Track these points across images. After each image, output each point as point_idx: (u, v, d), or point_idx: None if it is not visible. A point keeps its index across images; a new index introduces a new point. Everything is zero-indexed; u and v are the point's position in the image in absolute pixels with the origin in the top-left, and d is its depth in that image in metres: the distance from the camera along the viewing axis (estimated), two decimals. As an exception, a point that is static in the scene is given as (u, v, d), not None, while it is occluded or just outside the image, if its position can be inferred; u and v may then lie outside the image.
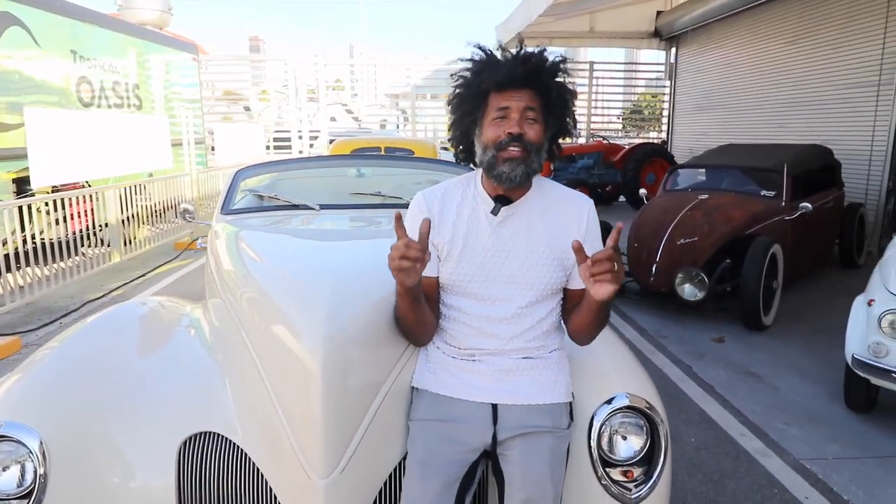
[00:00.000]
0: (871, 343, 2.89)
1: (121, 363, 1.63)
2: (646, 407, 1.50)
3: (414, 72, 11.83)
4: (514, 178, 1.35)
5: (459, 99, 1.43)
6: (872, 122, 6.90)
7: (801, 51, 8.18)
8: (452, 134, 1.50)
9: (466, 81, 1.41)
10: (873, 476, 2.62)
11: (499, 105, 1.35)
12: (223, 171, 9.00)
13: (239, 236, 2.20)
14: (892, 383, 2.84)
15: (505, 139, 1.34)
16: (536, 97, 1.36)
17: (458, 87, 1.43)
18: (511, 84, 1.33)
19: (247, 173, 3.01)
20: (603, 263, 1.19)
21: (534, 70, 1.34)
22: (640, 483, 1.48)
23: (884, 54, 6.66)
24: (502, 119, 1.35)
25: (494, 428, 1.37)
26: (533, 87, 1.35)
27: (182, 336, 1.88)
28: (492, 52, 1.41)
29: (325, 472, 1.26)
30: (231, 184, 2.90)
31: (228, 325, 1.73)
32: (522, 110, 1.34)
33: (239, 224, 2.44)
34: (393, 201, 2.77)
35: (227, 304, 1.81)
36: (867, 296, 3.10)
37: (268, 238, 2.25)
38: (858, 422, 3.12)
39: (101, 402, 1.50)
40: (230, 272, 1.92)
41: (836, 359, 3.90)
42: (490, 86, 1.35)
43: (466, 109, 1.41)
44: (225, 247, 2.15)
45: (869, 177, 6.98)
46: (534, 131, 1.36)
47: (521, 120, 1.34)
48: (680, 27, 11.41)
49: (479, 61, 1.40)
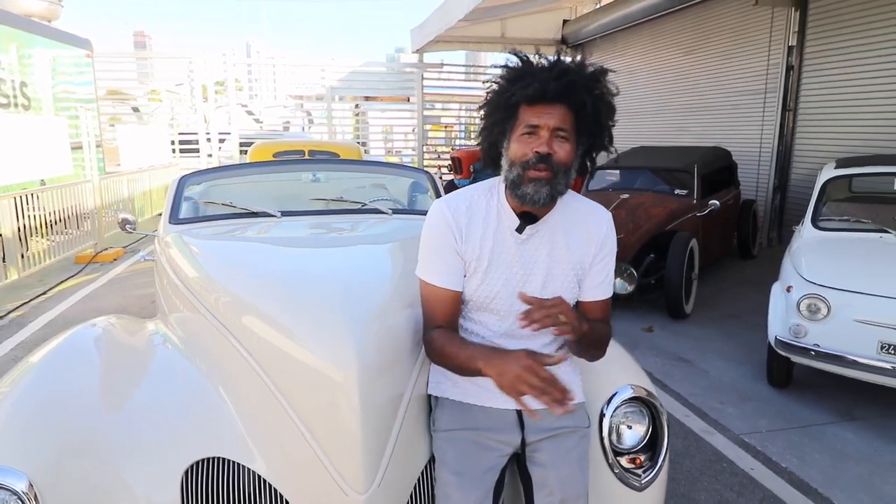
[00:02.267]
0: (792, 325, 3.22)
1: (102, 390, 1.50)
2: (647, 396, 1.59)
3: (329, 73, 11.57)
4: (538, 201, 1.29)
5: (490, 107, 1.36)
6: (760, 126, 7.67)
7: (696, 60, 8.91)
8: (481, 141, 1.42)
9: (499, 89, 1.33)
10: (802, 444, 2.93)
11: (529, 121, 1.27)
12: (129, 176, 8.35)
13: (210, 247, 2.08)
14: (811, 360, 3.18)
15: (533, 158, 1.27)
16: (569, 113, 1.27)
17: (490, 95, 1.36)
18: (543, 99, 1.25)
19: (192, 180, 2.83)
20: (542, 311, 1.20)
21: (568, 85, 1.25)
22: (647, 469, 1.57)
23: (769, 65, 7.42)
24: (531, 136, 1.28)
25: (522, 432, 1.40)
26: (566, 103, 1.26)
27: (162, 355, 1.75)
28: (527, 59, 1.32)
29: (365, 487, 1.23)
30: (176, 191, 2.72)
31: (216, 342, 1.63)
32: (553, 129, 1.26)
33: (198, 234, 2.30)
34: (356, 206, 2.72)
35: (211, 320, 1.70)
36: (783, 283, 3.45)
37: (248, 248, 2.14)
38: (780, 397, 3.47)
39: (87, 434, 1.37)
40: (209, 286, 1.81)
41: (750, 341, 4.33)
42: (521, 99, 1.27)
43: (496, 119, 1.34)
44: (191, 259, 2.02)
45: (758, 176, 7.75)
46: (564, 151, 1.28)
47: (551, 139, 1.27)
48: (585, 35, 12.03)
49: (513, 68, 1.32)
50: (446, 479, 1.35)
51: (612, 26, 10.98)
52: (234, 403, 1.46)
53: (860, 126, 6.40)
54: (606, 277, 1.44)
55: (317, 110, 14.87)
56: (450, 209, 1.39)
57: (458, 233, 1.38)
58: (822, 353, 3.12)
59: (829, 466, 2.73)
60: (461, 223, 1.38)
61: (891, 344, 2.94)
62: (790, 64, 7.16)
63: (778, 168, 7.50)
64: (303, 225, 2.45)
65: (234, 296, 1.67)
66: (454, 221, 1.37)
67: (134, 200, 8.55)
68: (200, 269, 1.91)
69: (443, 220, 1.39)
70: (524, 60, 1.32)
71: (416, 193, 3.68)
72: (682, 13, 9.16)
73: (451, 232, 1.38)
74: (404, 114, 15.02)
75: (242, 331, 1.55)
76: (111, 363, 1.66)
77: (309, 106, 15.13)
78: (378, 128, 14.94)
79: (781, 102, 7.32)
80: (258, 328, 1.51)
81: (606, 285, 1.45)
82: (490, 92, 1.36)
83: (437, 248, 1.39)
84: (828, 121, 6.84)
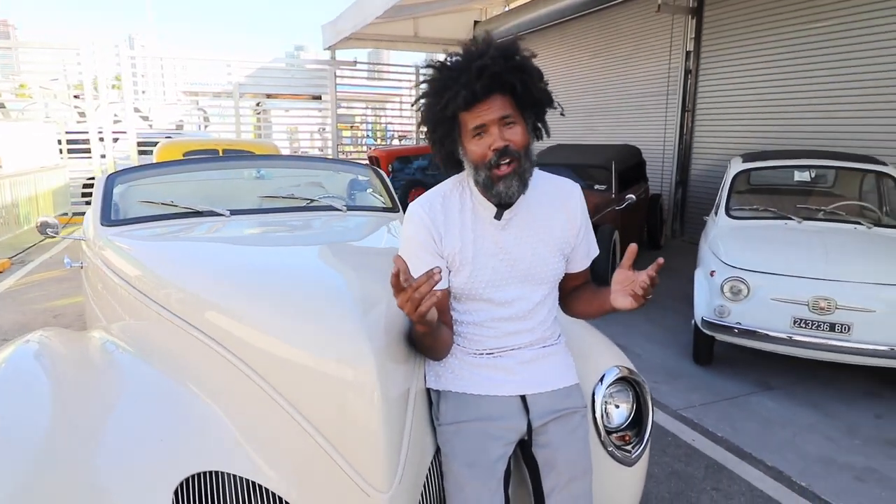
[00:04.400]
0: (716, 306, 3.50)
1: (65, 414, 1.34)
2: (631, 375, 1.67)
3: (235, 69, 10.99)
4: (513, 195, 1.32)
5: (432, 123, 1.35)
6: (663, 126, 8.25)
7: (604, 63, 9.42)
8: (436, 153, 1.42)
9: (431, 103, 1.32)
10: (731, 414, 3.19)
11: (473, 123, 1.28)
12: (11, 179, 7.49)
13: (173, 249, 1.92)
14: (733, 337, 3.47)
15: (493, 157, 1.28)
16: (505, 98, 1.28)
17: (424, 111, 1.36)
18: (475, 100, 1.26)
19: (121, 178, 2.59)
20: (647, 287, 1.27)
21: (492, 77, 1.24)
22: (635, 445, 1.64)
23: (669, 69, 7.99)
24: (482, 135, 1.29)
25: (528, 417, 1.41)
26: (498, 91, 1.27)
27: (123, 368, 1.60)
28: (443, 67, 1.31)
29: (388, 485, 1.20)
30: (104, 191, 2.48)
31: (192, 350, 1.51)
32: (498, 120, 1.28)
33: (145, 236, 2.12)
34: (308, 203, 2.62)
35: (185, 326, 1.57)
36: (706, 268, 3.74)
37: (216, 249, 2.00)
38: (706, 373, 3.75)
39: (60, 465, 1.22)
40: (181, 291, 1.67)
41: (672, 324, 4.65)
42: (456, 108, 1.27)
43: (443, 133, 1.35)
44: (150, 263, 1.85)
45: (662, 172, 8.33)
46: (517, 135, 1.30)
47: (501, 130, 1.28)
48: (495, 37, 12.29)
49: (434, 80, 1.32)
50: (458, 471, 1.34)
51: (523, 28, 11.32)
52: (225, 412, 1.36)
53: (749, 125, 7.06)
54: (590, 245, 1.52)
55: (213, 108, 14.15)
56: (425, 210, 1.39)
57: (437, 233, 1.38)
58: (743, 330, 3.42)
59: (758, 432, 2.99)
60: (438, 222, 1.38)
61: (802, 318, 3.27)
62: (688, 68, 7.76)
63: (679, 164, 8.10)
64: (256, 223, 2.33)
65: (215, 300, 1.55)
66: (431, 222, 1.38)
67: (19, 206, 7.69)
68: (166, 274, 1.75)
69: (420, 223, 1.38)
70: (440, 69, 1.30)
71: (354, 191, 3.61)
72: (588, 17, 9.64)
73: (430, 234, 1.38)
74: (311, 112, 14.66)
75: (228, 336, 1.45)
76: (68, 382, 1.49)
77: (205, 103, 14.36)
78: (282, 127, 14.49)
79: (681, 104, 7.91)
80: (250, 332, 1.42)
81: (591, 252, 1.52)
82: (422, 108, 1.36)
83: (417, 252, 1.38)
84: (721, 121, 7.49)
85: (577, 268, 1.52)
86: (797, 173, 4.49)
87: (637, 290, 1.29)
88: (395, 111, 16.38)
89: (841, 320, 3.19)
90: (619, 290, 1.35)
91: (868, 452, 2.80)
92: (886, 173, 4.00)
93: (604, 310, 1.44)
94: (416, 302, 1.13)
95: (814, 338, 3.25)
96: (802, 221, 3.92)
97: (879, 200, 4.17)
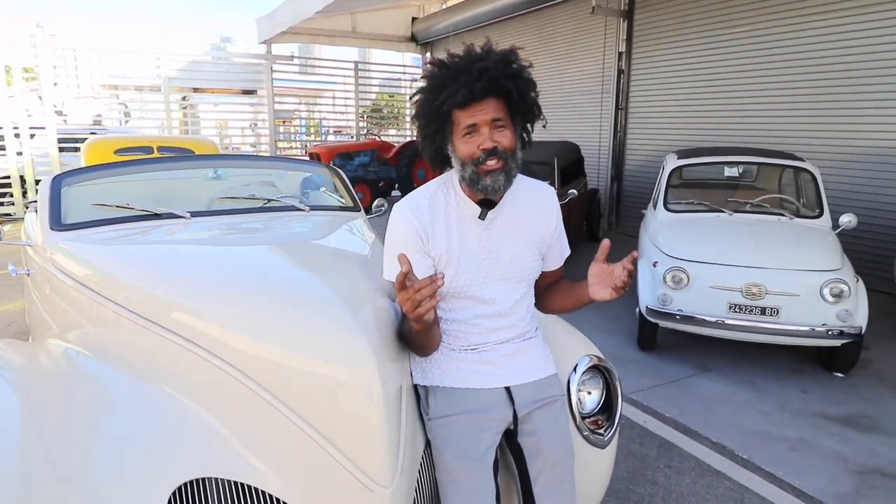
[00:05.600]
0: (660, 295, 3.72)
1: (46, 430, 1.30)
2: (601, 363, 1.78)
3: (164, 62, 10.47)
4: (498, 189, 1.39)
5: (426, 118, 1.41)
6: (599, 124, 8.58)
7: (540, 62, 9.66)
8: (425, 148, 1.47)
9: (428, 99, 1.38)
10: (677, 396, 3.41)
11: (466, 122, 1.35)
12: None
13: (141, 253, 1.86)
14: (675, 323, 3.71)
15: (481, 156, 1.35)
16: (500, 102, 1.35)
17: (419, 105, 1.42)
18: (473, 100, 1.33)
19: (69, 180, 2.47)
20: (625, 278, 1.37)
21: (491, 81, 1.32)
22: (607, 428, 1.75)
23: (604, 68, 8.32)
24: (473, 134, 1.36)
25: (513, 407, 1.49)
26: (494, 95, 1.34)
27: (101, 376, 1.54)
28: (444, 65, 1.38)
29: (389, 479, 1.24)
30: (52, 194, 2.36)
31: (177, 357, 1.48)
32: (490, 122, 1.35)
33: (105, 239, 2.04)
34: (267, 203, 2.59)
35: (161, 332, 1.54)
36: (648, 259, 3.96)
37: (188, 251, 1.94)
38: (650, 358, 3.98)
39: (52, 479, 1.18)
40: (154, 296, 1.62)
41: (615, 314, 4.88)
42: (452, 106, 1.34)
43: (435, 128, 1.40)
44: (117, 268, 1.79)
45: (599, 168, 8.67)
46: (505, 138, 1.37)
47: (492, 131, 1.35)
48: (434, 34, 12.39)
49: (434, 76, 1.38)
50: (450, 463, 1.40)
51: (461, 26, 11.45)
52: (219, 419, 1.35)
53: (677, 123, 7.47)
54: (563, 245, 1.61)
55: (134, 103, 13.45)
56: (412, 210, 1.44)
57: (424, 233, 1.43)
58: (684, 317, 3.65)
59: (701, 411, 3.22)
60: (425, 222, 1.43)
61: (737, 304, 3.54)
62: (621, 68, 8.11)
63: (614, 160, 8.46)
64: (220, 225, 2.29)
65: (199, 304, 1.52)
66: (418, 222, 1.42)
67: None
68: (142, 279, 1.69)
69: (408, 224, 1.43)
70: (441, 66, 1.38)
71: (307, 190, 3.58)
72: (525, 17, 9.87)
73: (417, 233, 1.42)
74: (243, 107, 14.19)
75: (213, 341, 1.43)
76: (38, 395, 1.44)
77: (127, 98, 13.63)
78: (211, 122, 13.99)
79: (615, 102, 8.26)
80: (238, 335, 1.41)
81: (564, 252, 1.62)
82: (418, 103, 1.42)
83: (406, 251, 1.38)
84: (651, 119, 7.88)
85: (553, 266, 1.60)
86: (727, 169, 4.82)
87: (617, 282, 1.39)
88: (329, 106, 16.10)
89: (770, 304, 3.48)
90: (598, 283, 1.44)
91: (798, 425, 3.08)
92: (804, 168, 4.36)
93: (582, 303, 1.53)
94: (415, 303, 1.18)
95: (747, 321, 3.52)
96: (733, 214, 4.22)
97: (797, 193, 4.55)
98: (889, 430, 3.02)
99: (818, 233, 3.94)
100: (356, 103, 12.92)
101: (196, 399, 1.36)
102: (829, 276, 3.42)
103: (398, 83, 16.24)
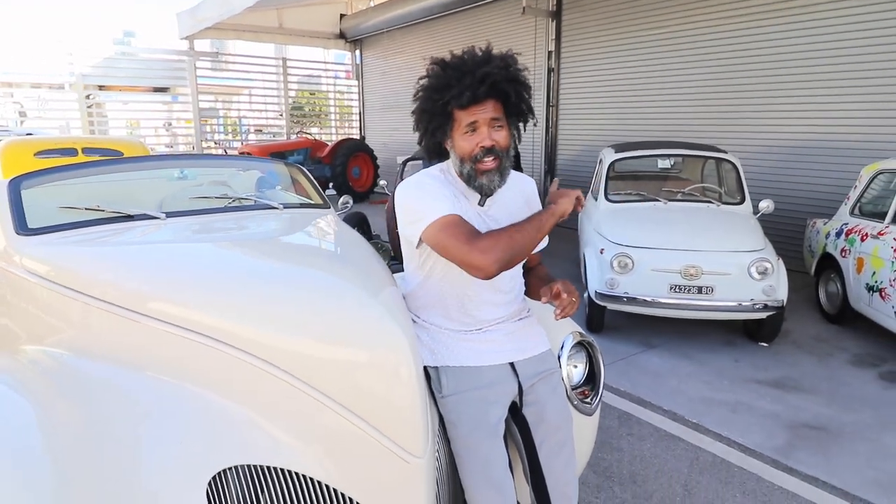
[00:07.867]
0: (607, 279, 3.99)
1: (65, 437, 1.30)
2: (584, 339, 1.95)
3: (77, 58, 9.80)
4: (494, 188, 1.53)
5: (427, 116, 1.53)
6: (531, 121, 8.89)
7: (472, 60, 9.88)
8: (424, 144, 1.60)
9: (431, 97, 1.49)
10: (628, 371, 3.69)
11: (467, 121, 1.47)
12: None
13: (129, 255, 1.83)
14: (622, 305, 3.99)
15: (479, 153, 1.48)
16: (498, 103, 1.48)
17: (421, 102, 1.53)
18: (474, 101, 1.45)
19: (28, 183, 2.36)
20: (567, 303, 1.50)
21: (492, 84, 1.44)
22: (592, 397, 1.93)
23: (535, 67, 8.63)
24: (472, 133, 1.48)
25: (518, 381, 1.62)
26: (494, 97, 1.47)
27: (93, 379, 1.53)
28: (447, 66, 1.49)
29: (423, 450, 1.33)
30: (11, 198, 2.25)
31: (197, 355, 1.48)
32: (489, 121, 1.47)
33: (83, 242, 1.99)
34: (246, 202, 2.59)
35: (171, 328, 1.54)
36: (595, 247, 4.23)
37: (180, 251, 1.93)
38: (600, 339, 4.25)
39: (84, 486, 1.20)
40: (162, 296, 1.61)
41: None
42: (455, 107, 1.46)
43: (437, 124, 1.52)
44: (108, 271, 1.77)
45: (533, 162, 9.01)
46: (502, 137, 1.50)
47: (490, 130, 1.47)
48: (363, 31, 12.35)
49: (437, 76, 1.49)
50: (466, 435, 1.52)
51: (390, 24, 11.49)
52: (253, 410, 1.39)
53: (605, 119, 7.91)
54: None
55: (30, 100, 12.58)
56: (431, 177, 1.58)
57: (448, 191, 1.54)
58: (630, 299, 3.94)
59: (651, 384, 3.50)
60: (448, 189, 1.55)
61: (676, 284, 3.86)
62: (551, 66, 8.46)
63: (546, 155, 8.82)
64: (197, 224, 2.27)
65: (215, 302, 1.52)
66: (441, 184, 1.55)
67: None
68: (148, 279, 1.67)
69: (435, 179, 1.57)
70: (444, 67, 1.50)
71: (263, 188, 3.57)
72: (456, 16, 10.06)
73: (445, 187, 1.54)
74: (157, 105, 13.55)
75: (234, 336, 1.46)
76: (45, 400, 1.42)
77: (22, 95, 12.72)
78: (120, 121, 13.29)
79: (546, 100, 8.60)
80: (261, 329, 1.44)
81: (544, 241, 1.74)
82: (421, 101, 1.54)
83: (437, 193, 1.51)
84: (581, 115, 8.29)
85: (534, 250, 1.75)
86: (660, 161, 5.19)
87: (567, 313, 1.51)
88: (246, 104, 15.54)
89: (706, 283, 3.82)
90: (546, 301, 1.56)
91: (735, 390, 3.42)
92: (727, 159, 4.79)
93: None
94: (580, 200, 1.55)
95: (686, 300, 3.85)
96: (667, 203, 4.57)
97: (719, 182, 4.99)
98: (810, 389, 3.42)
99: (742, 217, 4.35)
100: (285, 101, 12.66)
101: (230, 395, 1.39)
102: (755, 256, 3.80)
103: (319, 80, 15.82)
